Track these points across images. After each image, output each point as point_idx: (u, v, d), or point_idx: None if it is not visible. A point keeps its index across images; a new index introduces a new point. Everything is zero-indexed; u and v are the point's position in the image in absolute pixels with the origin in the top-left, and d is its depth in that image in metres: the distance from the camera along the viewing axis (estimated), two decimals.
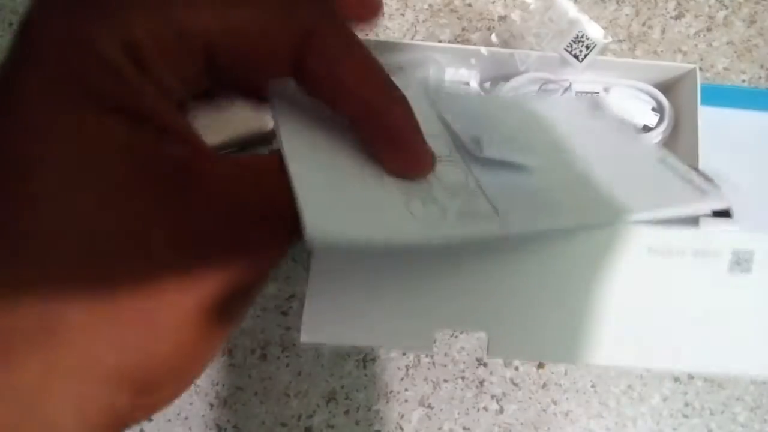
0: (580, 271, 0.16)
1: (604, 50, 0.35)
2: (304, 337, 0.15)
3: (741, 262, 0.16)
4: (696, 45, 0.42)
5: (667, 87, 0.38)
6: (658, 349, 0.15)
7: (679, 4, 0.43)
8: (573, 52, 0.35)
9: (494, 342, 0.15)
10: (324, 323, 0.16)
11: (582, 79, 0.36)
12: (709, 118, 0.35)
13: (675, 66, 0.37)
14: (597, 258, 0.16)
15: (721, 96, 0.41)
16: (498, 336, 0.15)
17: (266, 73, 0.13)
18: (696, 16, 0.43)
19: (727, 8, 0.43)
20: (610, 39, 0.35)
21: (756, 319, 0.16)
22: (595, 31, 0.35)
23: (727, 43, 0.42)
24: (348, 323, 0.16)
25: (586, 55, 0.35)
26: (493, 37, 0.40)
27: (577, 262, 0.16)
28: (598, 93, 0.36)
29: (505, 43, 0.39)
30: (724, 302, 0.16)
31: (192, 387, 0.36)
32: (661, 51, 0.42)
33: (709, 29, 0.42)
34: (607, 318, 0.16)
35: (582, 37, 0.35)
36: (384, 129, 0.13)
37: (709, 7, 0.43)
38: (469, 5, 0.42)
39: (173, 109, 0.12)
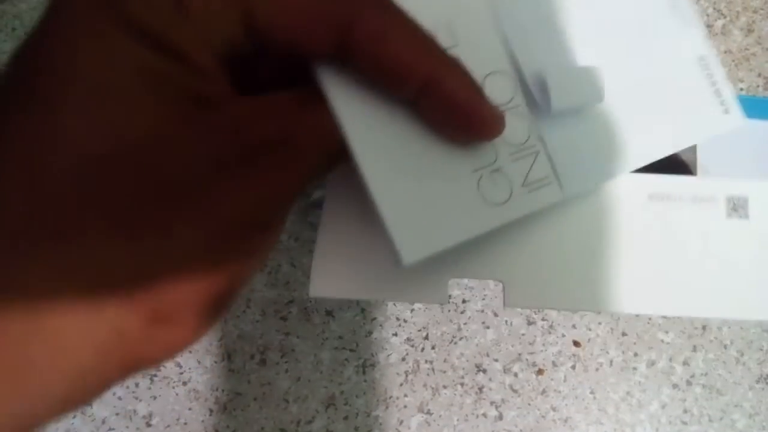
0: (587, 219, 0.16)
1: None
2: (313, 291, 0.15)
3: (737, 208, 0.16)
4: None
5: None
6: (662, 294, 0.16)
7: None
8: None
9: (510, 291, 0.16)
10: (333, 277, 0.15)
11: None
12: None
13: None
14: (602, 206, 0.16)
15: None
16: (514, 285, 0.16)
17: (309, 50, 0.13)
18: None
19: (725, 17, 0.43)
20: None
21: (756, 264, 0.16)
22: None
23: (725, 52, 0.43)
24: (358, 276, 0.15)
25: None
26: None
27: (584, 210, 0.16)
28: None
29: None
30: (725, 247, 0.16)
31: (191, 392, 0.36)
32: None
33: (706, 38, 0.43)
34: (616, 264, 0.16)
35: None
36: (444, 100, 0.13)
37: (707, 16, 0.43)
38: None
39: (206, 51, 0.12)
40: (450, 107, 0.13)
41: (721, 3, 0.43)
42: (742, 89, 0.42)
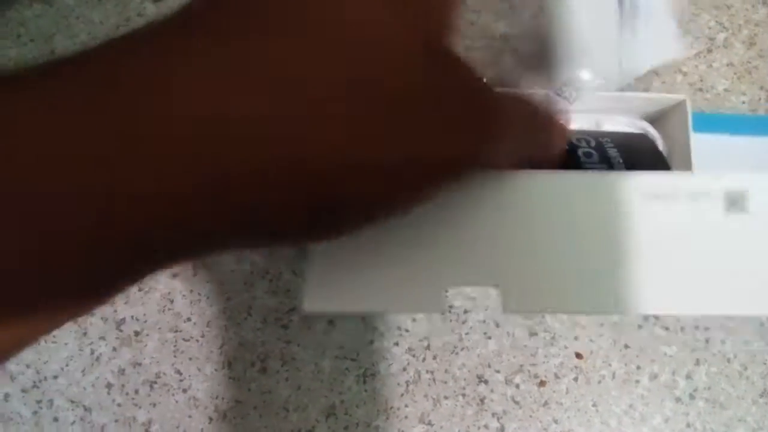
0: (583, 221, 0.16)
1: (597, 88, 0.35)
2: (307, 306, 0.15)
3: (736, 202, 0.16)
4: (696, 66, 0.43)
5: (658, 118, 0.38)
6: (662, 294, 0.16)
7: (679, 25, 0.43)
8: (563, 95, 0.35)
9: (507, 296, 0.15)
10: (327, 290, 0.15)
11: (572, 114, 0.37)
12: (703, 146, 0.35)
13: (665, 97, 0.36)
14: (597, 208, 0.16)
15: (714, 123, 0.41)
16: (510, 289, 0.15)
17: None
18: (696, 38, 0.43)
19: (727, 30, 0.43)
20: (602, 80, 0.35)
21: (757, 259, 0.16)
22: (585, 74, 0.35)
23: (727, 65, 0.43)
24: (353, 289, 0.15)
25: (576, 98, 0.35)
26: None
27: (579, 212, 0.16)
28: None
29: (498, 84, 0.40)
30: (725, 243, 0.16)
31: (191, 400, 0.36)
32: (662, 72, 0.42)
33: (709, 50, 0.43)
34: (614, 266, 0.16)
35: (573, 79, 0.35)
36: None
37: (709, 28, 0.43)
38: (472, 23, 0.43)
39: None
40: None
41: (723, 16, 0.44)
42: (744, 102, 0.42)
